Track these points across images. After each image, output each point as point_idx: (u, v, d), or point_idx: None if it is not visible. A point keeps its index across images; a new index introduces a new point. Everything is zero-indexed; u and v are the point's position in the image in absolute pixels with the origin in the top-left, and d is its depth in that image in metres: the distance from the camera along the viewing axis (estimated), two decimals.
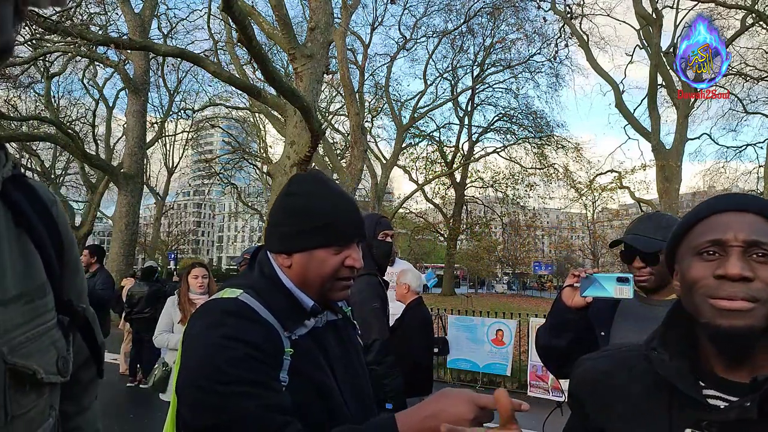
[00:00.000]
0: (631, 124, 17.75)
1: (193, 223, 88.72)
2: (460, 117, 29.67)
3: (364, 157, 15.56)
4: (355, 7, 14.51)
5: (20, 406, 0.57)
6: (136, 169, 12.93)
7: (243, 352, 1.00)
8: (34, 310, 0.62)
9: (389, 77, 23.92)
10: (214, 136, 57.92)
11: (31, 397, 0.59)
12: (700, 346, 0.89)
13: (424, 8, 23.77)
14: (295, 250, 1.17)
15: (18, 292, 0.60)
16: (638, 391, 0.91)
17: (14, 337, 0.57)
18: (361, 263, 1.20)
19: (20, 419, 0.57)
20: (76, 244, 0.79)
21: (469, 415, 0.92)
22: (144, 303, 6.93)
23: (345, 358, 1.24)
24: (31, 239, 0.66)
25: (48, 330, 0.63)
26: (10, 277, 0.60)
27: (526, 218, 31.00)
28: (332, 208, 1.18)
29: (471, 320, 8.22)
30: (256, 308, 1.09)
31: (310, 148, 7.20)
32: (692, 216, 0.91)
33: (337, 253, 1.16)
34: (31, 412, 0.59)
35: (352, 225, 1.19)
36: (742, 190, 25.22)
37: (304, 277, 1.18)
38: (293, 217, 1.18)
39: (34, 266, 0.64)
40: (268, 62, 6.28)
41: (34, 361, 0.59)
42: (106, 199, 25.52)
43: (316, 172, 1.33)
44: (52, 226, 0.70)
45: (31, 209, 0.67)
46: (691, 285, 0.86)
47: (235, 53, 14.86)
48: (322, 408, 1.10)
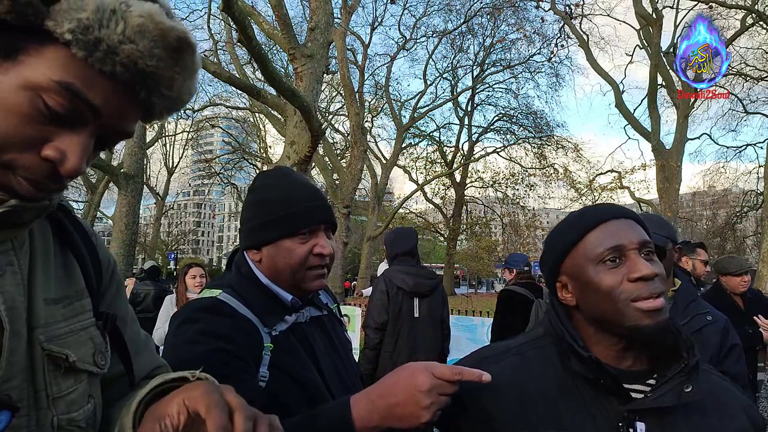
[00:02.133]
0: (631, 124, 17.74)
1: (193, 223, 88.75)
2: (460, 117, 29.69)
3: (364, 157, 15.56)
4: (355, 7, 14.52)
5: (60, 389, 0.64)
6: (136, 169, 12.93)
7: (215, 346, 1.01)
8: (73, 310, 0.70)
9: (389, 77, 23.95)
10: (214, 136, 57.99)
11: (70, 381, 0.66)
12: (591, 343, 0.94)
13: (423, 8, 23.79)
14: (262, 244, 1.19)
15: (59, 295, 0.69)
16: (554, 394, 0.92)
17: (53, 330, 0.65)
18: (329, 250, 1.20)
19: (61, 400, 0.64)
20: (118, 269, 0.87)
21: (424, 386, 0.86)
22: (150, 303, 6.85)
23: (332, 354, 1.24)
24: (73, 255, 0.75)
25: (85, 327, 0.71)
26: (54, 282, 0.69)
27: (526, 218, 30.99)
28: (290, 197, 1.19)
29: (471, 320, 8.22)
30: (233, 305, 1.10)
31: (310, 148, 7.20)
32: (575, 231, 0.96)
33: (303, 242, 1.18)
34: (72, 395, 0.66)
35: (312, 212, 1.19)
36: (742, 190, 25.25)
37: (275, 270, 1.19)
38: (255, 211, 1.21)
39: (73, 275, 0.74)
40: (268, 62, 6.28)
41: (71, 350, 0.66)
42: (106, 199, 25.54)
43: (280, 167, 1.33)
44: (91, 249, 0.80)
45: (75, 232, 0.77)
46: (607, 293, 0.89)
47: (235, 53, 14.88)
48: (305, 402, 1.09)
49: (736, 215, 23.90)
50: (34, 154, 0.59)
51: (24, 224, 0.64)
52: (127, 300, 0.87)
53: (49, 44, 0.57)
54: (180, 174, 35.18)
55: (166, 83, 0.63)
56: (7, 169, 0.59)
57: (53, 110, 0.58)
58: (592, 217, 0.95)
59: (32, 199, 0.62)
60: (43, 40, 0.57)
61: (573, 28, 18.44)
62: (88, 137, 0.62)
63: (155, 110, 0.67)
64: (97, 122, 0.62)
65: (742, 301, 3.53)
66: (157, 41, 0.60)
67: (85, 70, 0.58)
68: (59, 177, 0.61)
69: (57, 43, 0.57)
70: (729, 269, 3.54)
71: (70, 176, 0.61)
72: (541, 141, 26.33)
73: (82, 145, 0.61)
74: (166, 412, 0.60)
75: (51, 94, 0.57)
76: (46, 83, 0.57)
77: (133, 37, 0.58)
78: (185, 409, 0.59)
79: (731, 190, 28.33)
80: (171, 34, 0.60)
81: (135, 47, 0.58)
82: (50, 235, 0.73)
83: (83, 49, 0.57)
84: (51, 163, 0.60)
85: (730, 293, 3.54)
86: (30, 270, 0.66)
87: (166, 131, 27.36)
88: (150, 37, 0.59)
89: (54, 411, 0.63)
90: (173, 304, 4.22)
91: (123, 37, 0.58)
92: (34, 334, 0.63)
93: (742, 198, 24.72)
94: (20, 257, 0.65)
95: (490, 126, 29.40)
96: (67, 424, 0.64)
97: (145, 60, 0.60)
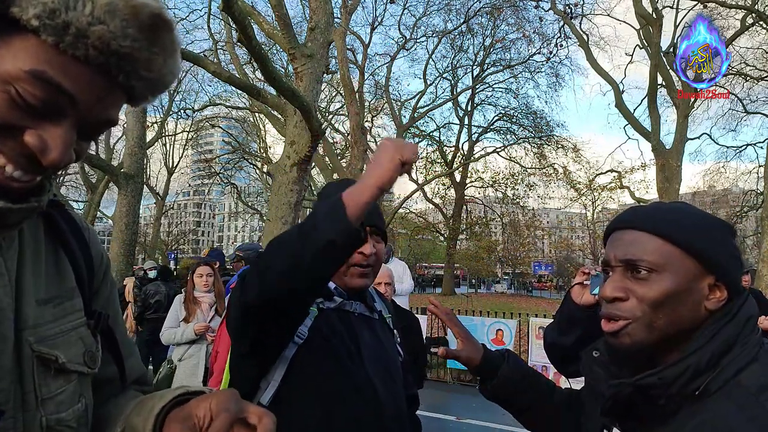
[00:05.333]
0: (631, 124, 17.73)
1: (193, 223, 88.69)
2: (460, 117, 29.68)
3: (364, 157, 15.56)
4: (355, 7, 14.51)
5: (49, 390, 0.64)
6: (136, 169, 12.91)
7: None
8: (63, 310, 0.69)
9: (389, 77, 23.92)
10: (214, 136, 57.94)
11: (59, 382, 0.65)
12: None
13: (423, 8, 23.73)
14: None
15: (50, 295, 0.68)
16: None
17: (43, 331, 0.65)
18: (370, 250, 1.30)
19: (51, 401, 0.64)
20: (110, 266, 0.86)
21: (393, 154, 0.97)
22: (166, 304, 6.54)
23: (378, 350, 1.33)
24: (65, 253, 0.74)
25: (76, 327, 0.70)
26: (44, 281, 0.68)
27: (525, 218, 30.98)
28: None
29: (471, 320, 8.23)
30: None
31: (310, 148, 7.20)
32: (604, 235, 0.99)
33: None
34: (61, 396, 0.65)
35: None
36: (742, 190, 25.24)
37: None
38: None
39: (64, 274, 0.73)
40: (268, 62, 6.28)
41: (60, 351, 0.66)
42: (106, 199, 25.52)
43: (339, 179, 1.53)
44: (83, 244, 0.78)
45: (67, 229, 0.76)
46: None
47: (235, 53, 14.85)
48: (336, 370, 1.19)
49: (736, 215, 23.86)
50: (15, 141, 0.57)
51: (11, 225, 0.63)
52: (117, 300, 0.87)
53: (16, 33, 0.55)
54: (180, 174, 35.14)
55: (144, 65, 0.61)
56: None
57: (28, 102, 0.55)
58: (608, 227, 0.97)
59: (20, 200, 0.60)
60: (10, 29, 0.54)
61: (573, 28, 18.42)
62: (69, 128, 0.59)
63: (137, 93, 0.65)
64: (77, 111, 0.59)
65: None
66: (129, 20, 0.57)
67: (56, 57, 0.55)
68: (43, 169, 0.59)
69: (25, 31, 0.55)
70: None
71: (53, 167, 0.59)
72: (541, 141, 26.31)
73: (64, 136, 0.59)
74: (194, 413, 0.62)
75: (23, 84, 0.55)
76: (16, 73, 0.54)
77: (103, 18, 0.55)
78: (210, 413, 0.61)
79: (731, 190, 28.30)
80: (144, 11, 0.58)
81: (106, 28, 0.56)
82: (41, 233, 0.72)
83: (52, 34, 0.54)
84: (33, 157, 0.58)
85: None
86: (19, 270, 0.65)
87: (166, 131, 27.31)
88: (121, 16, 0.56)
89: (43, 411, 0.63)
90: (182, 305, 4.21)
91: (92, 18, 0.55)
92: (22, 335, 0.62)
93: (742, 198, 24.71)
94: (8, 258, 0.64)
95: (490, 126, 29.41)
96: (56, 424, 0.64)
97: (119, 41, 0.57)
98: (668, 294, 0.84)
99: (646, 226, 0.88)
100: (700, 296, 0.84)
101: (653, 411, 0.83)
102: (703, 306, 0.84)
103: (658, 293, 0.84)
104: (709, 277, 0.84)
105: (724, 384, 0.78)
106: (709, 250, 0.84)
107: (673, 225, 0.87)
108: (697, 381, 0.80)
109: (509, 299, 29.58)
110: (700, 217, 0.88)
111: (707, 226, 0.87)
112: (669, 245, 0.85)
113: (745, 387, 0.77)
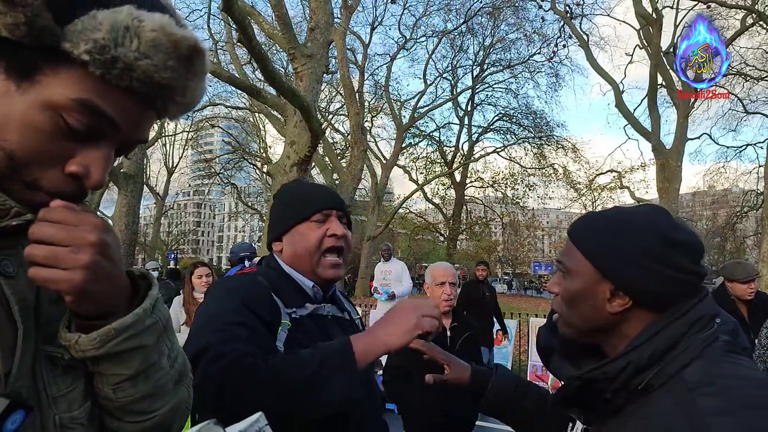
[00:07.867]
0: (631, 124, 17.73)
1: (193, 223, 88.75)
2: (460, 117, 29.70)
3: (364, 157, 15.56)
4: (355, 7, 14.52)
5: (59, 388, 0.65)
6: (136, 169, 12.93)
7: (240, 302, 1.16)
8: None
9: (389, 77, 23.93)
10: (214, 136, 57.90)
11: (68, 380, 0.67)
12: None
13: (423, 8, 23.71)
14: (282, 233, 1.34)
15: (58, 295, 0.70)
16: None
17: (51, 328, 0.66)
18: (342, 231, 1.30)
19: (62, 399, 0.65)
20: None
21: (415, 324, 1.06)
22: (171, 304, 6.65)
23: None
24: None
25: None
26: None
27: (525, 218, 30.99)
28: (304, 192, 1.38)
29: None
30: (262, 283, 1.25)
31: (310, 148, 7.20)
32: None
33: (318, 226, 1.30)
34: (72, 393, 0.67)
35: (323, 198, 1.33)
36: (742, 190, 25.24)
37: (294, 255, 1.31)
38: (275, 209, 1.40)
39: None
40: (268, 62, 6.28)
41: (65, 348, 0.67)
42: (106, 199, 25.55)
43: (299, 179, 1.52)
44: None
45: None
46: None
47: (235, 53, 14.86)
48: None
49: (736, 215, 23.88)
50: (57, 171, 0.61)
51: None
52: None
53: (64, 63, 0.58)
54: (180, 174, 35.16)
55: (180, 92, 0.65)
56: (32, 189, 0.61)
57: (73, 128, 0.59)
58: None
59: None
60: (58, 58, 0.58)
61: (573, 28, 18.43)
62: (108, 149, 0.64)
63: (170, 115, 0.70)
64: (116, 134, 0.63)
65: (747, 306, 3.41)
66: (171, 53, 0.61)
67: (101, 86, 0.59)
68: (84, 191, 0.64)
69: (72, 62, 0.58)
70: (735, 276, 3.39)
71: (95, 189, 0.64)
72: (541, 141, 26.32)
73: (104, 158, 0.63)
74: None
75: (70, 112, 0.59)
76: (64, 102, 0.58)
77: (148, 52, 0.59)
78: None
79: (731, 190, 28.33)
80: (183, 44, 0.61)
81: (150, 62, 0.59)
82: None
83: (100, 67, 0.58)
84: (75, 179, 0.62)
85: (734, 298, 3.41)
86: None
87: (166, 131, 27.32)
88: (164, 50, 0.60)
89: (55, 410, 0.64)
90: (181, 306, 4.17)
91: (138, 54, 0.59)
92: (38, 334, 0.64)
93: (742, 198, 24.71)
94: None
95: (490, 126, 29.41)
96: (69, 422, 0.65)
97: (161, 73, 0.61)
98: (573, 294, 0.94)
99: (570, 232, 0.99)
100: (600, 300, 0.90)
101: (604, 405, 0.88)
102: (605, 309, 0.90)
103: (566, 292, 0.95)
104: (607, 284, 0.89)
105: (668, 380, 0.82)
106: (606, 259, 0.89)
107: (583, 233, 0.95)
108: (640, 376, 0.83)
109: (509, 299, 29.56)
110: (619, 227, 0.91)
111: (620, 237, 0.90)
112: (578, 252, 0.94)
113: (685, 383, 0.80)
